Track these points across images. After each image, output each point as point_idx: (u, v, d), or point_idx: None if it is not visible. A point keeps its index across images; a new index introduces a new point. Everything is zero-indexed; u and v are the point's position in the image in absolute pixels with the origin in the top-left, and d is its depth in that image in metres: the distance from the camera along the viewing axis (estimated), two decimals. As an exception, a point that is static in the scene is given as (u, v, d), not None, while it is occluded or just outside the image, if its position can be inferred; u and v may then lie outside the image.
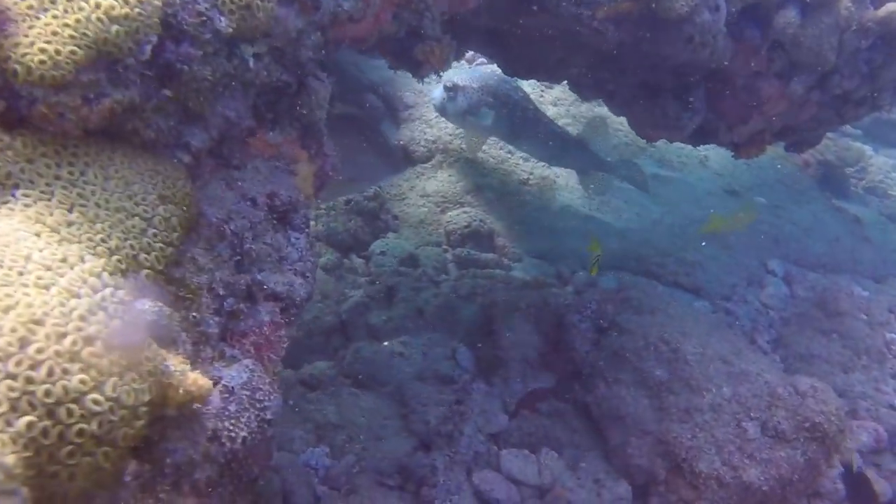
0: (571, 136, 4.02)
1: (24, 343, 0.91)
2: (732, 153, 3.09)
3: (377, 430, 2.75)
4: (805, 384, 2.51)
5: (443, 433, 2.69)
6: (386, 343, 3.28)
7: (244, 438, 1.25)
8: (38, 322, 0.93)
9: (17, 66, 1.13)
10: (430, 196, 4.29)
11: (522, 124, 3.89)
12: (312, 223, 3.83)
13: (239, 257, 1.48)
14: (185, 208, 1.35)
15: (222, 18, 1.37)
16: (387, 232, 4.09)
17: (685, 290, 3.95)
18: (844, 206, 5.25)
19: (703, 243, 4.17)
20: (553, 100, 5.14)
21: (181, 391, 1.10)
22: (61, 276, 1.01)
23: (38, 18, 1.15)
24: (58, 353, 0.92)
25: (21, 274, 0.98)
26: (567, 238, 4.09)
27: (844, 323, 3.63)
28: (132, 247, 1.22)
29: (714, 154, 5.34)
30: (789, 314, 3.77)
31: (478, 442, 2.72)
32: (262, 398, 1.32)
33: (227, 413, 1.24)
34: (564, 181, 4.48)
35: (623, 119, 5.19)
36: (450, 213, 4.16)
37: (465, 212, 4.11)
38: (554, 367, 3.12)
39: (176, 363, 1.13)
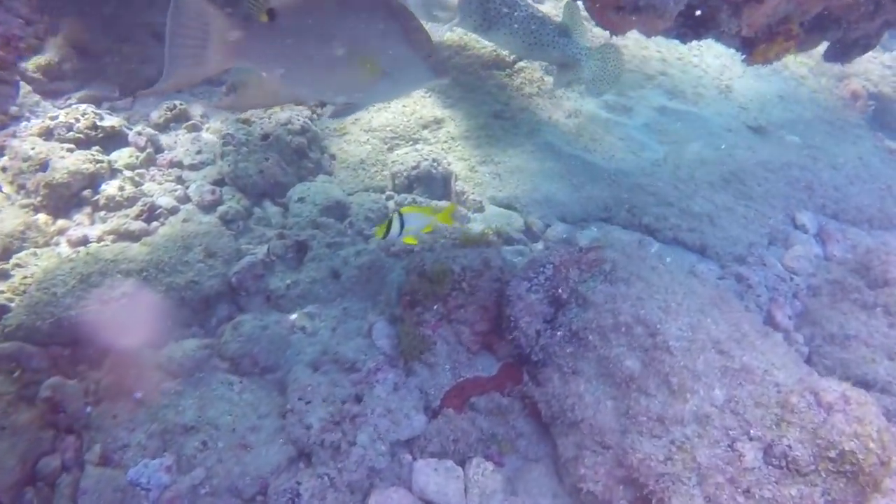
0: (552, 20, 3.24)
1: None
2: (742, 56, 2.23)
3: (245, 433, 2.06)
4: (833, 392, 1.72)
5: (326, 443, 1.99)
6: (294, 315, 2.58)
7: None
8: None
9: None
10: (376, 131, 3.50)
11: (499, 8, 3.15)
12: (219, 161, 3.18)
13: None
14: None
15: None
16: (317, 174, 3.34)
17: (687, 248, 3.14)
18: (899, 148, 4.30)
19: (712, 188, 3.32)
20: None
21: None
22: None
23: None
24: None
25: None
26: (544, 182, 3.28)
27: (892, 292, 2.79)
28: None
29: (740, 84, 4.41)
30: (821, 281, 2.94)
31: (376, 454, 2.01)
32: None
33: None
34: (547, 113, 3.64)
35: (626, 43, 4.29)
36: (398, 152, 3.38)
37: (416, 149, 3.32)
38: (496, 351, 2.38)
39: None
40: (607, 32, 2.26)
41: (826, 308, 2.80)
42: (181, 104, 3.44)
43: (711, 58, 4.49)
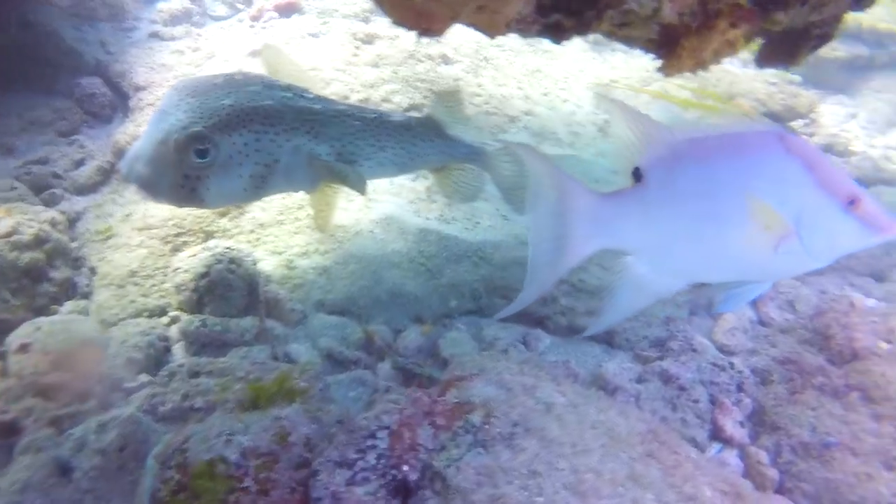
0: (415, 120, 2.26)
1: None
2: (659, 66, 1.45)
3: None
4: None
5: None
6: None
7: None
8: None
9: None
10: (154, 228, 2.50)
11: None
12: None
13: None
14: None
15: None
16: (63, 302, 2.30)
17: (589, 338, 2.33)
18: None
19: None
20: (374, 59, 3.45)
21: None
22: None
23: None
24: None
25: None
26: (388, 271, 2.39)
27: (867, 368, 2.07)
28: None
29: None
30: (768, 361, 2.19)
31: None
32: None
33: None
34: (387, 182, 2.79)
35: (481, 81, 3.59)
36: (183, 254, 2.39)
37: (207, 248, 2.34)
38: None
39: None
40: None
41: (786, 403, 2.03)
42: None
43: (582, 89, 3.86)
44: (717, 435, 1.98)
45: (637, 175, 1.32)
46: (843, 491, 1.82)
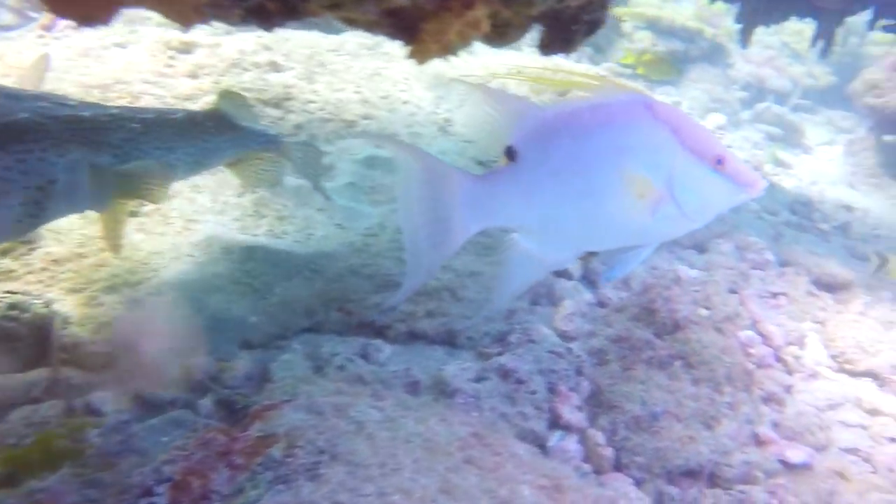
0: (201, 115, 2.10)
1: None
2: (408, 53, 1.39)
3: None
4: None
5: None
6: None
7: None
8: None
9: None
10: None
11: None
12: None
13: None
14: None
15: None
16: None
17: (431, 341, 2.27)
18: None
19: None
20: (192, 69, 3.22)
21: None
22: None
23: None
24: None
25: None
26: (211, 297, 2.21)
27: (686, 336, 2.16)
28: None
29: (461, 115, 3.79)
30: (604, 342, 2.23)
31: None
32: None
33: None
34: (209, 194, 2.59)
35: (316, 87, 3.46)
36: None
37: (-9, 293, 2.04)
38: None
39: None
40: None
41: (620, 380, 2.07)
42: None
43: (422, 90, 3.83)
44: (556, 423, 1.98)
45: (511, 154, 1.28)
46: (670, 457, 1.88)
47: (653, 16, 6.43)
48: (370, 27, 1.38)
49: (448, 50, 1.28)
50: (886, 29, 4.04)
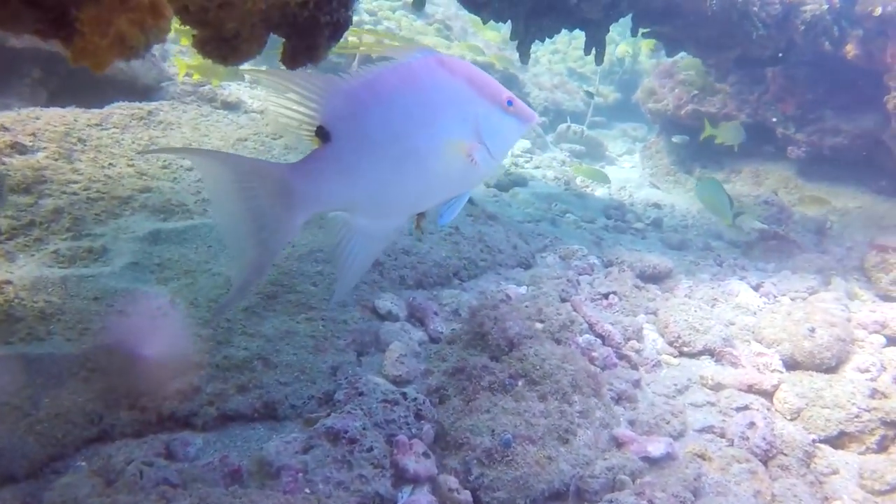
0: None
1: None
2: (71, 58, 1.16)
3: None
4: None
5: None
6: None
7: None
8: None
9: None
10: None
11: None
12: None
13: None
14: None
15: None
16: None
17: (249, 420, 1.95)
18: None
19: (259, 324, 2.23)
20: None
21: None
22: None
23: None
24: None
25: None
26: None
27: (523, 353, 2.02)
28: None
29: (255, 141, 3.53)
30: (441, 378, 2.04)
31: None
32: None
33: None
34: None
35: (78, 166, 3.05)
36: None
37: None
38: None
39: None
40: None
41: (463, 415, 1.88)
42: None
43: (218, 139, 3.54)
44: (402, 477, 1.74)
45: (322, 134, 1.25)
46: (531, 483, 1.71)
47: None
48: (31, 32, 1.09)
49: (129, 47, 1.04)
50: (645, 35, 4.41)
